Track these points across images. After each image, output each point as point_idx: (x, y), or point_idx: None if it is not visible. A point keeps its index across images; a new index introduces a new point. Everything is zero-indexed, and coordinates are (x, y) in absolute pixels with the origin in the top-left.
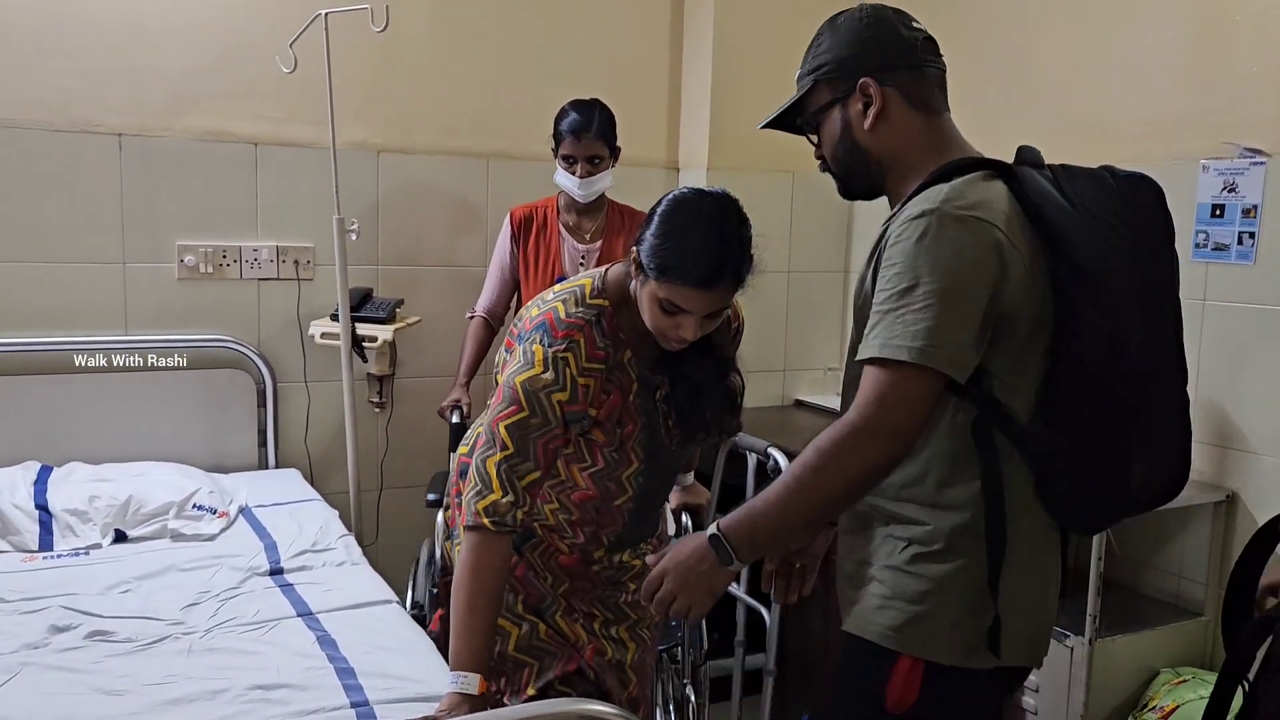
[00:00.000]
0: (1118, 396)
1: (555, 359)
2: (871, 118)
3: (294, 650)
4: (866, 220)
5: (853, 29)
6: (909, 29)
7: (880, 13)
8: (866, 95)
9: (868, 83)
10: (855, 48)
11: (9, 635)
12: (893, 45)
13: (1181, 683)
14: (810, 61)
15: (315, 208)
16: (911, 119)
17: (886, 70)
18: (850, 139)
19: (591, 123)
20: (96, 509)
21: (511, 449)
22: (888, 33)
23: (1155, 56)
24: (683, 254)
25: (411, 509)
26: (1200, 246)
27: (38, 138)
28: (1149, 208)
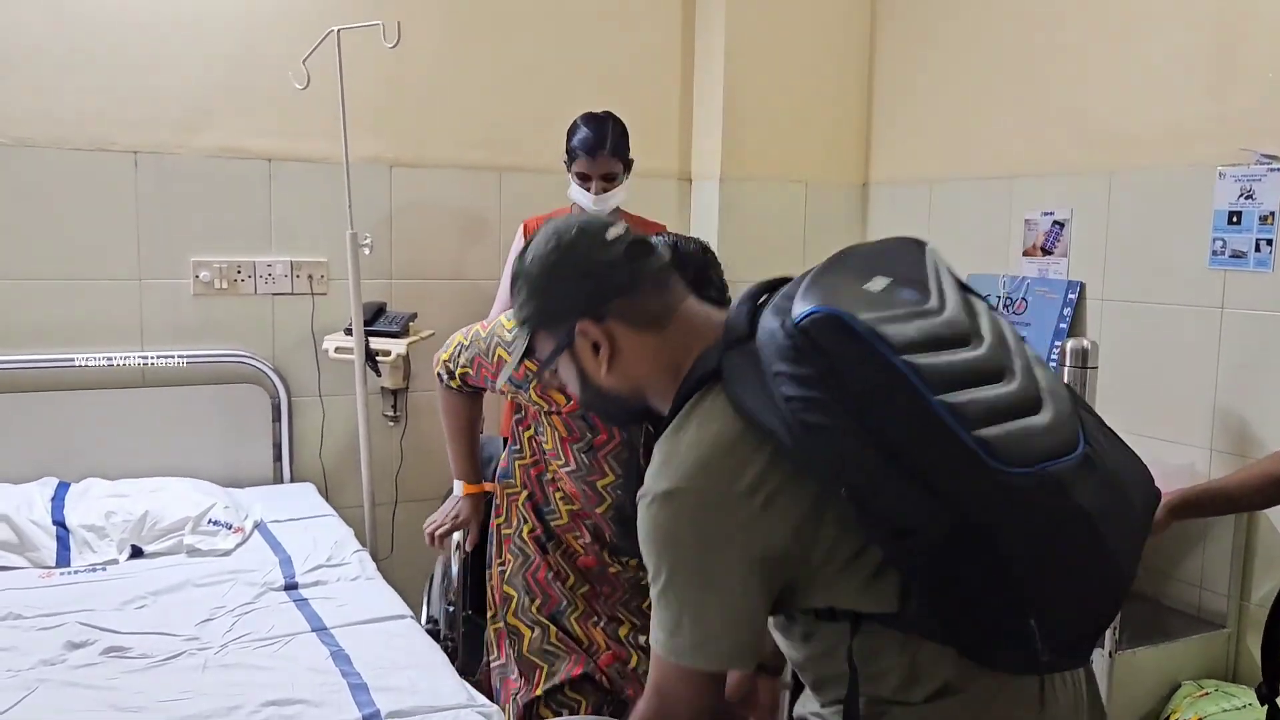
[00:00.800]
0: (951, 563)
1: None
2: (605, 361)
3: (308, 666)
4: (880, 230)
5: (547, 270)
6: (607, 247)
7: (570, 241)
8: (589, 337)
9: (585, 326)
10: (557, 292)
11: (26, 652)
12: (595, 277)
13: (1204, 695)
14: (520, 309)
15: (329, 222)
16: (645, 343)
17: (599, 305)
18: (593, 385)
19: (605, 140)
20: (113, 525)
21: (465, 341)
22: (585, 264)
23: (1172, 63)
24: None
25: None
26: (1218, 254)
27: (55, 156)
28: (830, 349)
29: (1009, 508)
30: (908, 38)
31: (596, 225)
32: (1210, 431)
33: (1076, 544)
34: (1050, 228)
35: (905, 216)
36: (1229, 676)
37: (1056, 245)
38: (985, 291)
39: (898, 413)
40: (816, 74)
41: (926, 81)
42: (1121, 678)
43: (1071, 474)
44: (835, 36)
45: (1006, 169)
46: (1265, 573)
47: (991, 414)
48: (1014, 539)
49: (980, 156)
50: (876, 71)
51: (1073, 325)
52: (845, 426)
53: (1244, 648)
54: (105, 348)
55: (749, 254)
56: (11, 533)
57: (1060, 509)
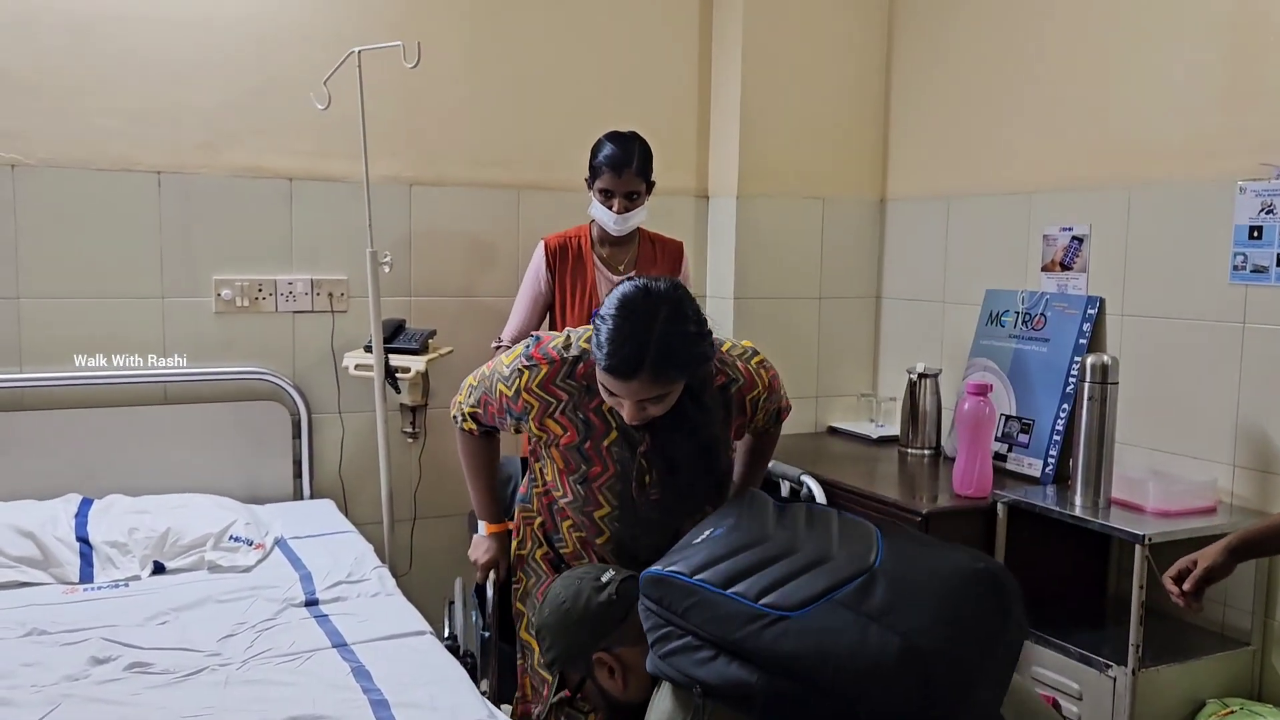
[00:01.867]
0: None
1: (519, 367)
2: (620, 681)
3: (329, 682)
4: (898, 245)
5: (560, 621)
6: (601, 589)
7: (574, 592)
8: (605, 665)
9: (601, 656)
10: (570, 636)
11: (50, 667)
12: (597, 619)
13: (1229, 714)
14: (547, 654)
15: (349, 241)
16: (644, 653)
17: (605, 637)
18: (618, 702)
19: (631, 159)
20: (136, 541)
21: (474, 383)
22: (589, 610)
23: (1191, 77)
24: (605, 343)
25: (445, 539)
26: (1238, 269)
27: (79, 177)
28: (648, 594)
29: (814, 637)
30: (924, 53)
31: (592, 575)
32: (1233, 448)
33: (883, 645)
34: (1069, 243)
35: (923, 232)
36: (1254, 694)
37: (1075, 260)
38: (1003, 307)
39: (704, 611)
40: (833, 90)
41: (944, 97)
42: (1145, 696)
43: (856, 593)
44: (852, 53)
45: (1025, 184)
46: None
47: (775, 583)
48: (826, 667)
49: (998, 171)
50: (893, 87)
51: (1092, 341)
52: (683, 639)
53: (1269, 665)
54: (128, 365)
55: (766, 270)
56: (36, 549)
57: (853, 622)
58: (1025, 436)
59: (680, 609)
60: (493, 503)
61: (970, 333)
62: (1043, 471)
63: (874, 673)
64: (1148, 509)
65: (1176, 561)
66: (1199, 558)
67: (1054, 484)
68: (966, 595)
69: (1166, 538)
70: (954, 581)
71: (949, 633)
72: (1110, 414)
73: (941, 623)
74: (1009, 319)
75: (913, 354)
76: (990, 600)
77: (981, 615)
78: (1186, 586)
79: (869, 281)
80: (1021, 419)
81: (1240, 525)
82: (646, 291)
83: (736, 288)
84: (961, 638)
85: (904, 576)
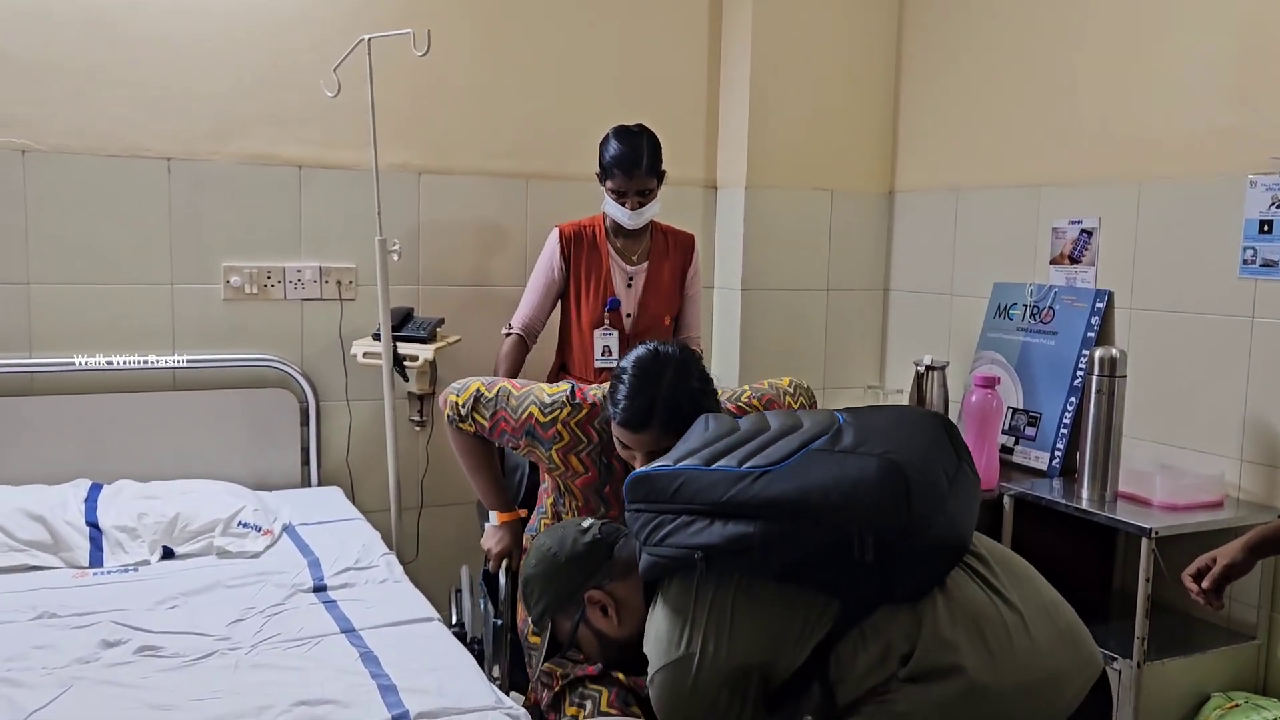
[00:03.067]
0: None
1: (561, 400)
2: (614, 617)
3: (337, 667)
4: (907, 238)
5: (549, 566)
6: (585, 532)
7: (559, 538)
8: (596, 603)
9: (591, 594)
10: (560, 580)
11: (61, 650)
12: (585, 557)
13: (1234, 707)
14: (536, 606)
15: (358, 229)
16: (633, 585)
17: (595, 574)
18: (614, 642)
19: (641, 159)
20: (145, 526)
21: (488, 395)
22: (576, 550)
23: (1202, 72)
24: (619, 399)
25: (452, 527)
26: (1248, 263)
27: (90, 163)
28: (635, 489)
29: (799, 479)
30: (934, 46)
31: (574, 524)
32: (1241, 441)
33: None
34: (1078, 236)
35: (931, 225)
36: (1259, 688)
37: (1084, 254)
38: (1011, 300)
39: (691, 486)
40: (842, 82)
41: (953, 89)
42: (1150, 689)
43: (828, 441)
44: (861, 44)
45: (1034, 177)
46: None
47: (753, 452)
48: (813, 498)
49: (1007, 165)
50: (903, 79)
51: (1100, 334)
52: (675, 520)
53: (1274, 659)
54: (137, 352)
55: (774, 261)
56: (45, 533)
57: (831, 459)
58: (1032, 430)
59: (668, 494)
60: (500, 491)
61: (978, 325)
62: (1049, 464)
63: (858, 490)
64: (1154, 503)
65: (1196, 560)
66: (1218, 555)
67: (1060, 477)
68: (923, 427)
69: (1173, 531)
70: (910, 418)
71: (916, 452)
72: (1118, 407)
73: (907, 446)
74: (1017, 312)
75: (920, 346)
76: (942, 432)
77: (938, 442)
78: (1206, 584)
79: (877, 273)
80: (1029, 412)
81: (1247, 520)
82: (656, 354)
83: (745, 278)
84: (926, 456)
85: (866, 423)
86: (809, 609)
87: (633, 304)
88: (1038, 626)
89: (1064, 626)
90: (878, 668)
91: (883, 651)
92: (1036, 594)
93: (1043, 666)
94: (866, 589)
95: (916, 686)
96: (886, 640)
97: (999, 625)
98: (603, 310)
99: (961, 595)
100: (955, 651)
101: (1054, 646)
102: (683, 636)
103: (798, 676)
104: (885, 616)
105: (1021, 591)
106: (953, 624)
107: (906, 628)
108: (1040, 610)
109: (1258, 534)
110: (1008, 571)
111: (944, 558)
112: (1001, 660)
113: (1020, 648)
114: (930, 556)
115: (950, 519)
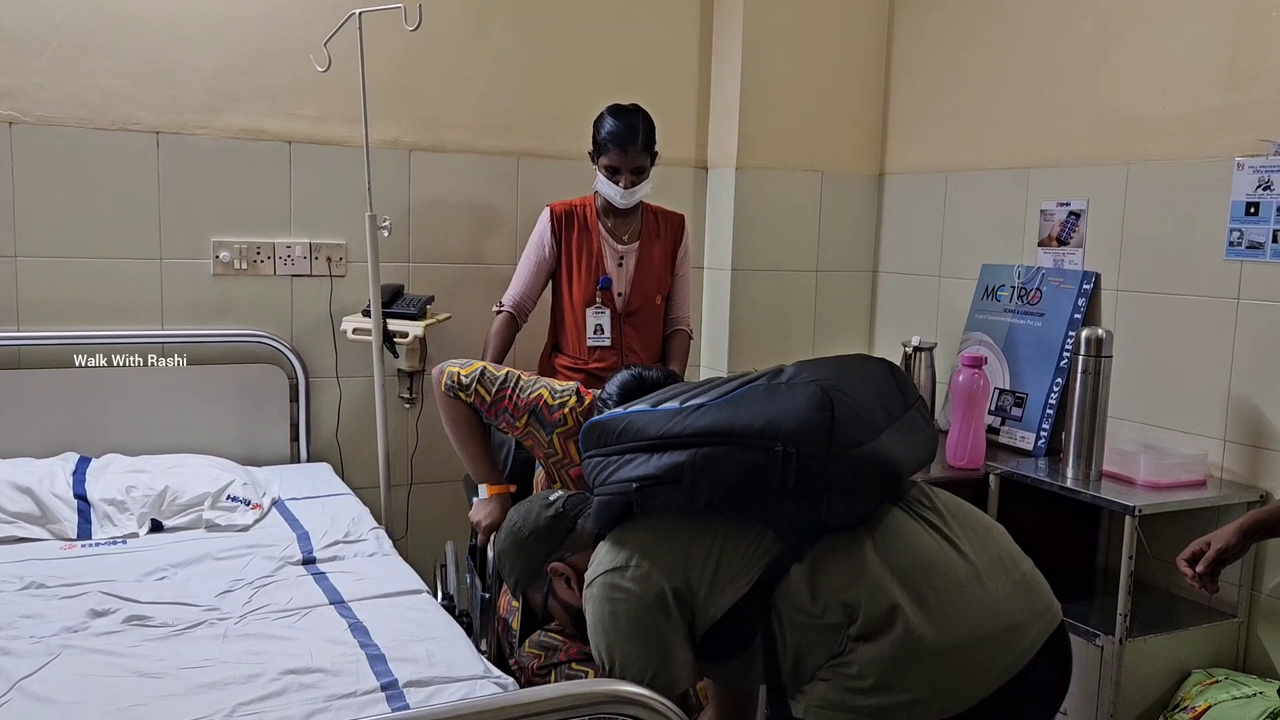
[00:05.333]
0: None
1: (571, 390)
2: (577, 587)
3: (326, 637)
4: (896, 220)
5: (515, 541)
6: (549, 506)
7: (524, 513)
8: (562, 575)
9: (556, 566)
10: (526, 554)
11: (49, 619)
12: (547, 532)
13: (1214, 683)
14: (508, 579)
15: (348, 205)
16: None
17: (558, 549)
18: (579, 610)
19: (637, 135)
20: (134, 499)
21: (496, 373)
22: (539, 525)
23: (1190, 53)
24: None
25: (441, 504)
26: (1234, 245)
27: (78, 136)
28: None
29: (732, 407)
30: (925, 28)
31: (540, 498)
32: (1224, 422)
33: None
34: (1066, 218)
35: (920, 206)
36: (1239, 665)
37: (1072, 236)
38: (999, 282)
39: (635, 425)
40: (833, 63)
41: (943, 72)
42: (1132, 665)
43: (768, 377)
44: (853, 26)
45: (1023, 159)
46: (1277, 563)
47: (697, 393)
48: (741, 421)
49: (996, 147)
50: (893, 61)
51: (1087, 315)
52: (619, 459)
53: (1254, 637)
54: (126, 326)
55: (764, 242)
56: (34, 505)
57: (765, 389)
58: (1018, 410)
59: (614, 436)
60: (490, 464)
61: (966, 307)
62: (1035, 444)
63: (784, 414)
64: (1138, 482)
65: (1190, 544)
66: (1212, 539)
67: (1046, 456)
68: (866, 369)
69: (1156, 510)
70: (854, 360)
71: (850, 384)
72: (1103, 388)
73: (843, 379)
74: (1005, 293)
75: (908, 327)
76: (888, 376)
77: (882, 385)
78: (1200, 568)
79: (866, 255)
80: (1015, 392)
81: (1230, 499)
82: (640, 379)
83: (735, 259)
84: (861, 389)
85: (809, 364)
86: (743, 539)
87: (624, 283)
88: (991, 577)
89: (1019, 578)
90: (821, 621)
91: (824, 592)
92: (993, 544)
93: (998, 616)
94: (798, 518)
95: (868, 645)
96: (826, 579)
97: (947, 574)
98: (595, 289)
99: (906, 542)
100: (896, 601)
101: (1009, 597)
102: (617, 554)
103: (740, 620)
104: (824, 552)
105: (975, 542)
106: (893, 571)
107: (847, 570)
108: (996, 561)
109: (1250, 518)
110: (962, 523)
111: (875, 486)
112: (948, 610)
113: (972, 597)
114: (859, 483)
115: (883, 448)
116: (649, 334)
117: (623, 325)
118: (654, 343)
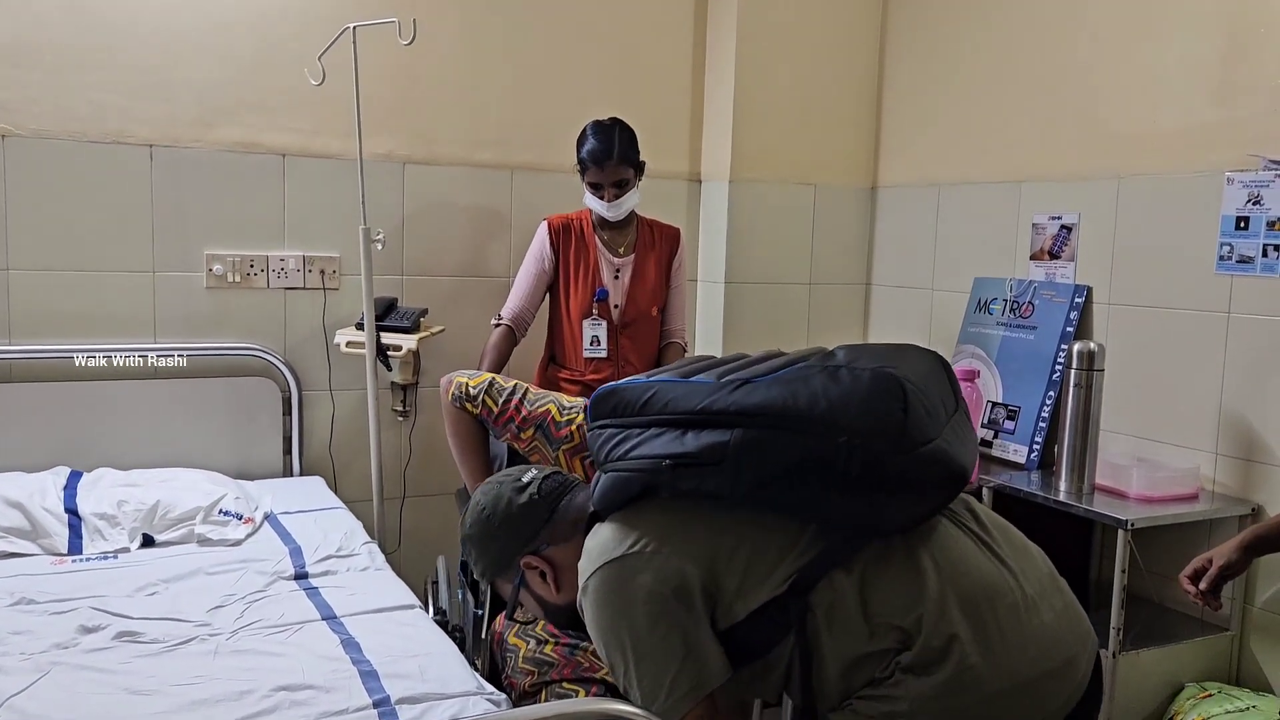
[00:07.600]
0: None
1: (580, 407)
2: (553, 583)
3: (318, 653)
4: (889, 232)
5: (484, 530)
6: (522, 490)
7: (494, 496)
8: (535, 568)
9: (527, 560)
10: (494, 544)
11: (39, 635)
12: (520, 521)
13: (1207, 697)
14: (476, 568)
15: (342, 218)
16: (574, 548)
17: (532, 541)
18: (553, 605)
19: (613, 149)
20: (125, 513)
21: (504, 385)
22: (510, 513)
23: (1181, 68)
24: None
25: (434, 517)
26: (1224, 259)
27: (71, 148)
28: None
29: (784, 387)
30: (917, 42)
31: (513, 476)
32: (1216, 436)
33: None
34: (1058, 232)
35: (913, 220)
36: (1232, 679)
37: (1064, 249)
38: (991, 295)
39: (664, 396)
40: (826, 77)
41: (936, 85)
42: (1125, 679)
43: (819, 359)
44: (845, 40)
45: (1015, 173)
46: (1269, 576)
47: (734, 370)
48: (798, 404)
49: (989, 160)
50: (886, 75)
51: (1079, 329)
52: (644, 432)
53: (1247, 650)
54: (119, 339)
55: (758, 255)
56: (24, 519)
57: (820, 372)
58: (1011, 423)
59: (637, 406)
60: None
61: (958, 320)
62: (1028, 457)
63: (850, 397)
64: (1131, 495)
65: (1191, 561)
66: (1214, 556)
67: (1039, 470)
68: (922, 357)
69: (1149, 523)
70: (909, 348)
71: (915, 373)
72: (1095, 401)
73: (906, 366)
74: (997, 306)
75: (901, 340)
76: (941, 369)
77: (938, 376)
78: (1203, 585)
79: (859, 268)
80: (1007, 406)
81: (1222, 512)
82: None
83: (728, 272)
84: (926, 379)
85: (861, 348)
86: (777, 533)
87: (620, 295)
88: (1044, 603)
89: (1067, 601)
90: (869, 643)
91: (878, 612)
92: (1039, 564)
93: (1057, 648)
94: (849, 513)
95: (918, 679)
96: (880, 596)
97: (1006, 599)
98: (591, 301)
99: (964, 560)
100: (955, 630)
101: (1061, 624)
102: (623, 539)
103: (766, 624)
104: (875, 561)
105: (1024, 562)
106: (955, 594)
107: (905, 588)
108: (1045, 584)
109: (1251, 533)
110: (1008, 539)
111: (940, 485)
112: (1008, 642)
113: (1030, 627)
114: (924, 481)
115: (949, 447)
116: (644, 346)
117: (619, 337)
118: (649, 354)
